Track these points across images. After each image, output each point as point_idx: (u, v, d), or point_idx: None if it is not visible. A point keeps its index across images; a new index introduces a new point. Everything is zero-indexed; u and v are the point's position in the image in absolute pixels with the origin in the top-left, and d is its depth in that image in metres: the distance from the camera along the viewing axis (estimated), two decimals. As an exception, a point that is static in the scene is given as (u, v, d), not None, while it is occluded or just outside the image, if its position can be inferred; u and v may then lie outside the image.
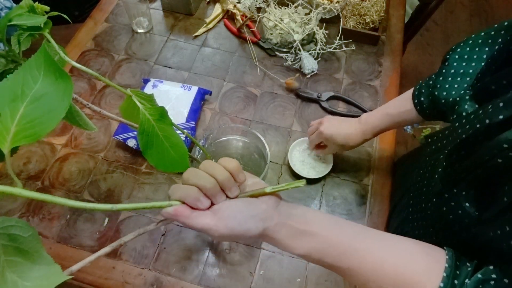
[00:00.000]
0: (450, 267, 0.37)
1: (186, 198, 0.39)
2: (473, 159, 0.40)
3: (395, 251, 0.40)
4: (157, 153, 0.45)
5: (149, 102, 0.45)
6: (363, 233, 0.43)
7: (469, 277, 0.37)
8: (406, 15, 1.16)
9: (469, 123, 0.42)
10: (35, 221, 0.70)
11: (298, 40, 0.89)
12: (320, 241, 0.40)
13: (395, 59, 0.95)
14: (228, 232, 0.38)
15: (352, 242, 0.41)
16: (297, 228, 0.41)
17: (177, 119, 0.78)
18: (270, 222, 0.40)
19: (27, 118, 0.31)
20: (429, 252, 0.40)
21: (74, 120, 0.52)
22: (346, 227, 0.42)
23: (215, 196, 0.40)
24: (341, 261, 0.40)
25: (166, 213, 0.39)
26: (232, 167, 0.40)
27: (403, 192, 0.69)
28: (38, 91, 0.32)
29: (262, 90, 0.88)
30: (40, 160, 0.77)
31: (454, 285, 0.36)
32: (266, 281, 0.65)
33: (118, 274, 0.65)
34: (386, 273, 0.39)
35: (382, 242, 0.42)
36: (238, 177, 0.40)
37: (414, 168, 0.68)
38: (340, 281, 0.65)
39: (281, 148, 0.80)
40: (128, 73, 0.90)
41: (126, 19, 0.99)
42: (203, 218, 0.39)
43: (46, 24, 0.48)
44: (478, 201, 0.40)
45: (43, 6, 0.51)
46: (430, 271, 0.38)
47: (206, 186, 0.39)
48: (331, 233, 0.41)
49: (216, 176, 0.39)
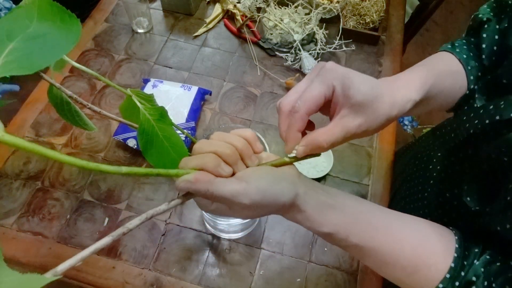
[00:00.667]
0: (460, 248, 0.37)
1: (206, 164, 0.34)
2: (479, 155, 0.39)
3: (413, 231, 0.39)
4: (157, 153, 0.45)
5: (149, 102, 0.45)
6: (382, 209, 0.41)
7: (477, 258, 0.37)
8: (406, 15, 1.16)
9: (478, 118, 0.41)
10: (35, 221, 0.70)
11: (298, 40, 0.89)
12: (347, 217, 0.38)
13: (395, 59, 0.95)
14: (259, 196, 0.34)
15: (374, 218, 0.39)
16: (324, 200, 0.38)
17: (177, 119, 0.78)
18: (299, 188, 0.36)
19: (20, 51, 0.29)
20: (442, 233, 0.40)
21: (74, 120, 0.52)
22: (366, 203, 0.41)
23: (235, 163, 0.36)
24: (362, 244, 0.38)
25: (184, 182, 0.34)
26: (249, 135, 0.38)
27: (401, 181, 0.69)
28: (34, 32, 0.31)
29: (262, 90, 0.88)
30: (40, 160, 0.77)
31: (464, 266, 0.36)
32: (266, 281, 0.65)
33: (118, 274, 0.65)
34: (406, 255, 0.38)
35: (400, 221, 0.40)
36: (255, 145, 0.38)
37: (413, 157, 0.68)
38: (340, 281, 0.66)
39: (281, 148, 0.80)
40: (128, 73, 0.90)
41: (126, 19, 0.99)
42: (229, 183, 0.34)
43: (46, 24, 0.48)
44: (480, 195, 0.40)
45: (43, 6, 0.51)
46: (445, 252, 0.38)
47: (225, 151, 0.35)
48: (354, 208, 0.39)
49: (234, 143, 0.36)
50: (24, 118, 0.82)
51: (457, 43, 0.52)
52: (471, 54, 0.50)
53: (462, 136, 0.43)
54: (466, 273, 0.36)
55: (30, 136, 0.79)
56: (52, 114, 0.82)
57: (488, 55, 0.49)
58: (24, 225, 0.69)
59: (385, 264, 0.39)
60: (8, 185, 0.73)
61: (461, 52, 0.51)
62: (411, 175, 0.64)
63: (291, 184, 0.36)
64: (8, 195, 0.72)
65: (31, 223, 0.69)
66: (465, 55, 0.50)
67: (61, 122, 0.81)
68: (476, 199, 0.40)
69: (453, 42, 0.53)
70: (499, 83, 0.42)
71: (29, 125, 0.81)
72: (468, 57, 0.50)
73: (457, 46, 0.51)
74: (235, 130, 0.38)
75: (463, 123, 0.44)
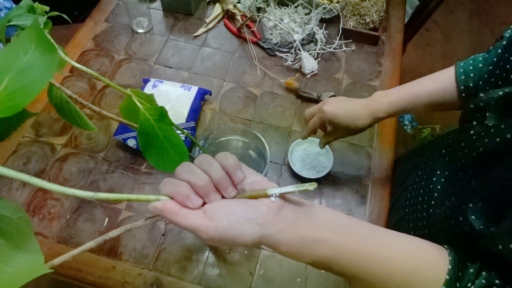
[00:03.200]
0: (453, 269, 0.36)
1: (175, 194, 0.36)
2: (490, 174, 0.38)
3: (405, 259, 0.38)
4: (157, 153, 0.45)
5: (149, 102, 0.45)
6: (373, 235, 0.39)
7: (472, 281, 0.36)
8: (406, 15, 1.16)
9: (489, 137, 0.40)
10: (35, 221, 0.70)
11: (298, 40, 0.89)
12: (330, 249, 0.37)
13: (395, 59, 0.95)
14: (218, 235, 0.34)
15: (363, 248, 0.37)
16: (303, 235, 0.36)
17: (177, 119, 0.78)
18: (271, 229, 0.36)
19: (9, 89, 0.29)
20: (437, 257, 0.38)
21: (74, 120, 0.52)
22: (356, 230, 0.39)
23: (207, 196, 0.36)
24: (350, 269, 0.37)
25: (153, 208, 0.36)
26: (229, 164, 0.36)
27: (401, 190, 0.69)
28: (25, 63, 0.31)
29: (262, 90, 0.88)
30: (40, 160, 0.77)
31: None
32: (266, 281, 0.65)
33: (118, 274, 0.65)
34: (395, 283, 0.37)
35: (392, 247, 0.39)
36: (235, 175, 0.36)
37: (414, 168, 0.68)
38: (340, 282, 0.65)
39: (281, 148, 0.80)
40: (128, 73, 0.90)
41: (126, 19, 0.99)
42: (192, 216, 0.35)
43: (46, 24, 0.48)
44: (486, 215, 0.39)
45: (43, 6, 0.51)
46: (436, 279, 0.36)
47: (197, 183, 0.35)
48: (341, 239, 0.37)
49: (211, 174, 0.36)
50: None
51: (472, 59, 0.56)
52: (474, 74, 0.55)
53: (471, 154, 0.43)
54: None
55: (30, 136, 0.79)
56: (52, 114, 0.82)
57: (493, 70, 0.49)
58: (24, 225, 0.69)
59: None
60: (8, 185, 0.73)
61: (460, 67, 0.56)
62: (412, 185, 0.63)
63: (256, 227, 0.35)
64: (8, 195, 0.72)
65: (31, 223, 0.69)
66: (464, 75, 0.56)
67: (61, 122, 0.81)
68: (481, 219, 0.39)
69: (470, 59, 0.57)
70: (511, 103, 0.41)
71: (29, 125, 0.81)
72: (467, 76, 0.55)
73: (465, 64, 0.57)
74: (219, 155, 0.37)
75: (473, 140, 0.43)
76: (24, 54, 0.32)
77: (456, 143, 0.48)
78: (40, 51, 0.32)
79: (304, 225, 0.37)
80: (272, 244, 0.36)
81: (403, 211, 0.62)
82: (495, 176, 0.37)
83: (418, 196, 0.58)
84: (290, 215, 0.37)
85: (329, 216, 0.39)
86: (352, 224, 0.39)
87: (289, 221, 0.36)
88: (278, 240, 0.36)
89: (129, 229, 0.37)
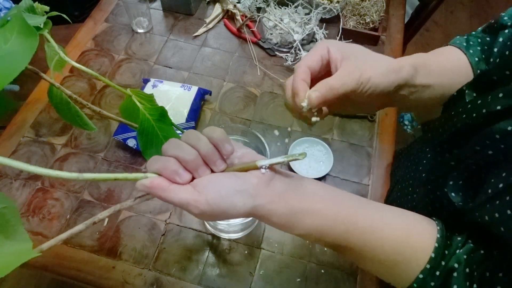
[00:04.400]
0: (441, 237, 0.37)
1: (163, 170, 0.35)
2: (464, 149, 0.39)
3: (395, 229, 0.38)
4: (157, 153, 0.45)
5: (149, 102, 0.45)
6: (364, 207, 0.40)
7: (460, 248, 0.36)
8: (406, 15, 1.16)
9: (466, 113, 0.40)
10: (35, 221, 0.70)
11: (298, 40, 0.89)
12: (321, 219, 0.37)
13: (395, 59, 0.95)
14: (209, 208, 0.34)
15: (354, 219, 0.38)
16: (294, 206, 0.37)
17: (177, 119, 0.78)
18: (262, 200, 0.36)
19: None
20: (426, 226, 0.39)
21: (74, 120, 0.52)
22: (347, 202, 0.39)
23: (196, 170, 0.35)
24: (341, 240, 0.38)
25: (142, 185, 0.35)
26: (217, 137, 0.35)
27: (393, 184, 0.69)
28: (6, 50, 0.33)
29: (262, 90, 0.88)
30: (40, 160, 0.77)
31: (445, 255, 0.36)
32: (266, 281, 0.65)
33: (118, 274, 0.65)
34: (386, 252, 0.38)
35: (382, 217, 0.39)
36: (224, 148, 0.36)
37: (406, 159, 0.68)
38: (340, 281, 0.66)
39: (281, 148, 0.80)
40: (128, 73, 0.90)
41: (126, 19, 0.99)
42: (181, 192, 0.35)
43: (46, 24, 0.48)
44: (464, 191, 0.39)
45: (43, 6, 0.51)
46: (426, 245, 0.37)
47: (185, 158, 0.35)
48: (332, 209, 0.37)
49: (198, 148, 0.35)
50: (24, 118, 0.82)
51: (472, 41, 0.51)
52: (483, 56, 0.50)
53: (450, 131, 0.43)
54: (447, 262, 0.36)
55: (30, 136, 0.79)
56: (52, 114, 0.82)
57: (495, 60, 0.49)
58: (24, 225, 0.69)
59: (362, 258, 0.39)
60: (8, 185, 0.74)
61: (474, 55, 0.50)
62: (402, 176, 0.64)
63: (246, 197, 0.35)
64: (8, 195, 0.72)
65: (31, 223, 0.69)
66: (477, 57, 0.50)
67: (61, 122, 0.81)
68: (460, 196, 0.39)
69: (468, 39, 0.52)
70: (490, 80, 0.42)
71: (29, 125, 0.81)
72: (480, 60, 0.50)
73: (472, 46, 0.51)
74: (206, 129, 0.36)
75: (451, 117, 0.43)
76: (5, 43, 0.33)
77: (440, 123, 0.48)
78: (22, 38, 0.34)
79: (294, 196, 0.37)
80: (264, 215, 0.36)
81: (395, 203, 0.63)
82: (469, 151, 0.38)
83: (409, 187, 0.58)
84: (280, 186, 0.37)
85: (320, 188, 0.39)
86: (343, 196, 0.40)
87: (279, 192, 0.37)
88: (269, 211, 0.36)
89: (119, 209, 0.37)
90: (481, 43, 0.52)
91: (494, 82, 0.41)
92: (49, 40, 0.48)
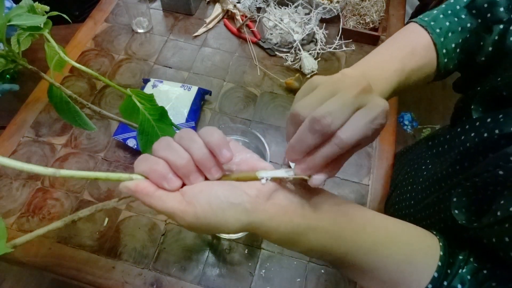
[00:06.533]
0: (444, 255, 0.36)
1: (151, 173, 0.31)
2: (476, 168, 0.38)
3: (400, 248, 0.36)
4: (157, 153, 0.45)
5: (149, 102, 0.45)
6: (369, 221, 0.37)
7: (463, 267, 0.35)
8: (406, 15, 1.16)
9: (475, 131, 0.39)
10: (35, 221, 0.70)
11: (298, 40, 0.89)
12: (324, 237, 0.34)
13: (395, 59, 0.95)
14: (197, 221, 0.30)
15: (358, 237, 0.35)
16: (299, 223, 0.32)
17: (177, 119, 0.78)
18: (260, 216, 0.31)
19: None
20: (430, 244, 0.37)
21: (74, 120, 0.52)
22: (352, 215, 0.36)
23: (187, 177, 0.31)
24: (344, 258, 0.35)
25: (125, 188, 0.32)
26: (214, 141, 0.31)
27: (393, 188, 0.69)
28: None
29: (262, 90, 0.88)
30: (40, 160, 0.77)
31: (447, 274, 0.35)
32: (266, 281, 0.65)
33: (118, 274, 0.65)
34: (388, 271, 0.36)
35: (387, 234, 0.37)
36: (221, 154, 0.31)
37: (406, 164, 0.68)
38: (340, 281, 0.65)
39: (281, 148, 0.80)
40: (128, 73, 0.90)
41: (126, 19, 0.99)
42: (168, 199, 0.30)
43: (46, 24, 0.48)
44: (468, 209, 0.39)
45: (43, 6, 0.51)
46: (429, 266, 0.36)
47: (176, 162, 0.30)
48: (336, 226, 0.34)
49: (192, 151, 0.31)
50: (24, 118, 0.82)
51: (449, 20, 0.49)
52: (450, 34, 0.47)
53: (458, 149, 0.42)
54: (450, 282, 0.35)
55: (30, 136, 0.79)
56: (52, 114, 0.82)
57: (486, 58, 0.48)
58: (24, 225, 0.69)
59: (363, 276, 0.37)
60: (8, 185, 0.74)
61: (440, 35, 0.48)
62: (401, 182, 0.64)
63: (241, 212, 0.30)
64: (8, 195, 0.72)
65: (31, 223, 0.69)
66: (443, 37, 0.47)
67: (61, 122, 0.81)
68: (464, 213, 0.38)
69: (435, 16, 0.49)
70: (499, 96, 0.40)
71: (29, 125, 0.81)
72: (446, 38, 0.47)
73: (438, 22, 0.49)
74: (203, 130, 0.32)
75: (458, 135, 0.43)
76: None
77: (445, 139, 0.47)
78: None
79: (298, 211, 0.33)
80: (262, 233, 0.32)
81: (393, 208, 0.63)
82: (481, 169, 0.37)
83: (407, 193, 0.58)
84: (282, 201, 0.32)
85: (324, 200, 0.35)
86: (347, 208, 0.36)
87: (282, 206, 0.32)
88: (270, 228, 0.32)
89: (100, 209, 0.34)
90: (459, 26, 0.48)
91: (503, 98, 0.39)
92: (49, 40, 0.48)
